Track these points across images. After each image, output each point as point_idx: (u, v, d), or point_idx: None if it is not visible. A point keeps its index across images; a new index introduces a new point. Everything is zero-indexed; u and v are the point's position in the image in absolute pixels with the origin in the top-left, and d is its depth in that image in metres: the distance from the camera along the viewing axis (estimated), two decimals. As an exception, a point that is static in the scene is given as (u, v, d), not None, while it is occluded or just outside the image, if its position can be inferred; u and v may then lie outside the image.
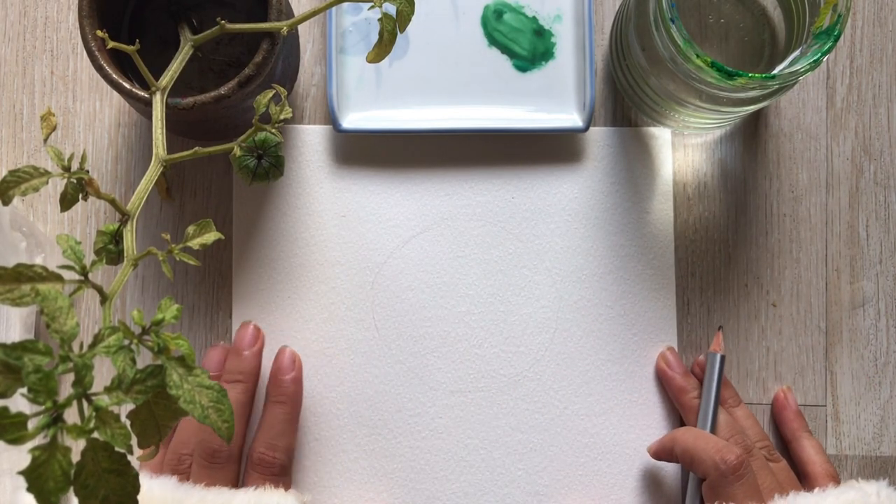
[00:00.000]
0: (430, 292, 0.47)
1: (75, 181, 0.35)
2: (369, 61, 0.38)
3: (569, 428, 0.46)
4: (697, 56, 0.37)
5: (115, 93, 0.46)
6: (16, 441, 0.24)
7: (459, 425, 0.47)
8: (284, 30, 0.37)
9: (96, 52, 0.38)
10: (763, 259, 0.48)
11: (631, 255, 0.47)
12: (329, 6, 0.37)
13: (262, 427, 0.43)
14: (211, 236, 0.35)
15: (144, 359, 0.45)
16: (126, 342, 0.28)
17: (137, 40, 0.37)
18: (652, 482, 0.46)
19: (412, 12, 0.36)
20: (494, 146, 0.47)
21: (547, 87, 0.46)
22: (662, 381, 0.46)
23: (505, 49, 0.47)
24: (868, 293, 0.48)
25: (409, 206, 0.47)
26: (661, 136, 0.48)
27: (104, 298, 0.31)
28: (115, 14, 0.41)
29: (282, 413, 0.43)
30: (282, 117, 0.37)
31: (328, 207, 0.47)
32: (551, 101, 0.46)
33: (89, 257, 0.45)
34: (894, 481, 0.47)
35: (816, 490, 0.42)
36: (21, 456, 0.43)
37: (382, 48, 0.37)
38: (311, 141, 0.47)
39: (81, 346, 0.28)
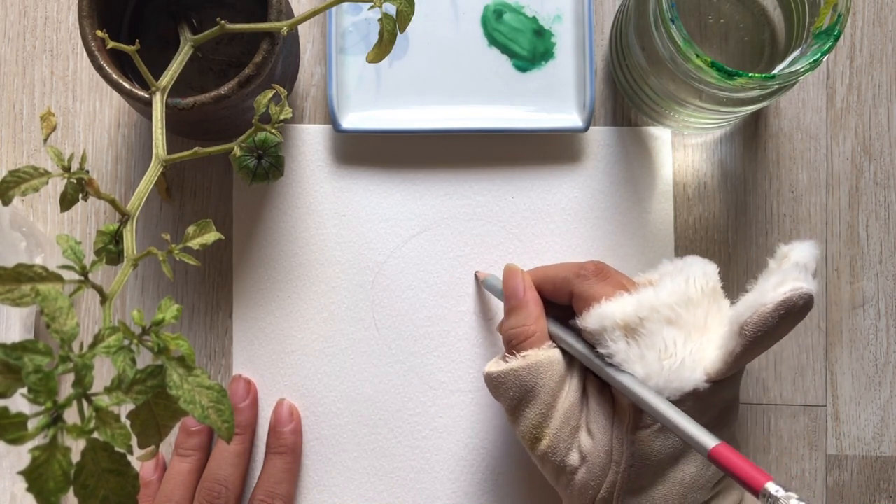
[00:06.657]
0: (430, 292, 0.47)
1: (75, 181, 0.35)
2: (369, 61, 0.38)
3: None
4: (697, 56, 0.37)
5: (115, 93, 0.46)
6: (16, 441, 0.24)
7: (459, 425, 0.47)
8: (284, 30, 0.37)
9: (96, 52, 0.38)
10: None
11: (631, 255, 0.47)
12: (329, 6, 0.37)
13: (262, 476, 0.45)
14: (211, 236, 0.35)
15: (144, 359, 0.45)
16: (126, 342, 0.28)
17: (137, 40, 0.37)
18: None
19: (412, 12, 0.36)
20: (494, 146, 0.47)
21: (547, 87, 0.46)
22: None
23: (505, 49, 0.47)
24: (868, 293, 0.48)
25: (409, 205, 0.47)
26: (661, 136, 0.48)
27: (104, 298, 0.31)
28: (115, 14, 0.41)
29: (281, 463, 0.44)
30: (282, 117, 0.37)
31: (328, 207, 0.47)
32: (551, 101, 0.46)
33: (89, 257, 0.45)
34: (894, 481, 0.47)
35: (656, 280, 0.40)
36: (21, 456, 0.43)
37: (382, 48, 0.37)
38: (311, 141, 0.47)
39: (81, 346, 0.28)
